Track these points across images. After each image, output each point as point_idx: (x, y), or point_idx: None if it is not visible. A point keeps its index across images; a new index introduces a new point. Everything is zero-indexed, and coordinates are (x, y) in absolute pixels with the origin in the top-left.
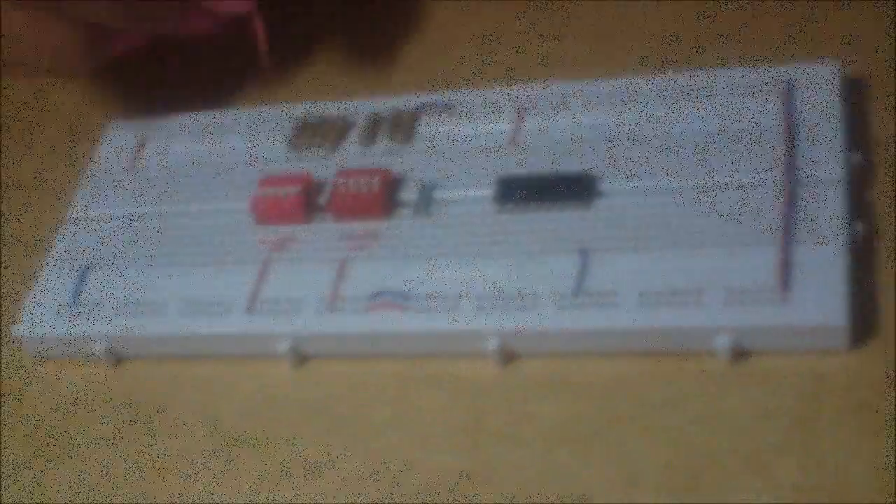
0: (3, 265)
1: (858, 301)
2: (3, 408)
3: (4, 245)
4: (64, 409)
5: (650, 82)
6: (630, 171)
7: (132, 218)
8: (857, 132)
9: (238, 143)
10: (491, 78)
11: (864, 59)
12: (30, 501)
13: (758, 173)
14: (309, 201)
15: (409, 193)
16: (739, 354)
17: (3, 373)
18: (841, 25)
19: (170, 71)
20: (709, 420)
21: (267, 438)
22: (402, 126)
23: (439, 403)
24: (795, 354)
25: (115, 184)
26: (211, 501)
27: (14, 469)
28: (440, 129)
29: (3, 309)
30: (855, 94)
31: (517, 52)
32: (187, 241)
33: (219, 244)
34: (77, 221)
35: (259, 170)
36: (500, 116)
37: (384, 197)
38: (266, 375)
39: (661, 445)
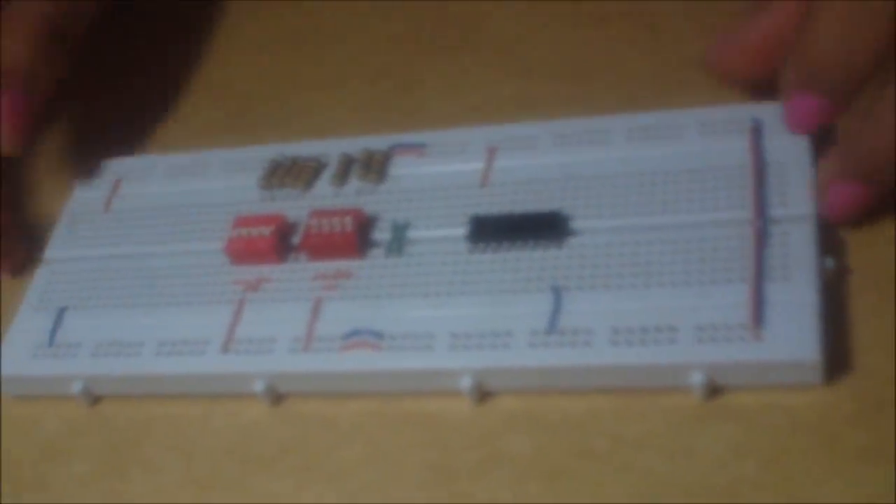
0: None
1: (831, 336)
2: None
3: None
4: (40, 448)
5: (620, 121)
6: (601, 209)
7: (108, 258)
8: None
9: (213, 183)
10: (461, 118)
11: None
12: None
13: (728, 211)
14: (283, 241)
15: (381, 233)
16: (713, 391)
17: None
18: None
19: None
20: (682, 456)
21: (242, 477)
22: (374, 166)
23: (413, 441)
24: (769, 390)
25: (92, 224)
26: None
27: None
28: (412, 168)
29: None
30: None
31: (487, 91)
32: (163, 281)
33: (194, 284)
34: (54, 262)
35: (234, 211)
36: (471, 156)
37: (357, 237)
38: (241, 414)
39: (635, 482)
